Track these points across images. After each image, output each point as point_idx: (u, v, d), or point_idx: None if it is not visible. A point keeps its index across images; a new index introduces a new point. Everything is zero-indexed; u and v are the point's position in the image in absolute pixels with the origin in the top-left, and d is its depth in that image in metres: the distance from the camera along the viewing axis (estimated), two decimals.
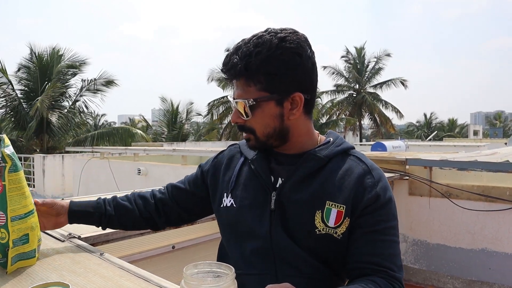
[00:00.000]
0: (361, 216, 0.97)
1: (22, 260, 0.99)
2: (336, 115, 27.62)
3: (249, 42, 0.98)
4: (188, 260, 1.21)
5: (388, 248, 0.97)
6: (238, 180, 1.10)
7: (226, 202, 1.10)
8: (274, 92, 0.97)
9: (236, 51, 0.98)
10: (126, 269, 0.97)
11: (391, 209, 1.00)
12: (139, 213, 1.21)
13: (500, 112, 51.34)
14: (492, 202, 2.89)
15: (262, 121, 1.00)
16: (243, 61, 0.96)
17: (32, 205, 1.02)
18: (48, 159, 10.82)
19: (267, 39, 0.96)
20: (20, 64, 15.47)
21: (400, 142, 14.42)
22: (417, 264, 3.31)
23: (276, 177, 1.05)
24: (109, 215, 1.19)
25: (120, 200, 1.22)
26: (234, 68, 0.97)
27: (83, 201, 1.20)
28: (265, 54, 0.95)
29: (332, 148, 1.04)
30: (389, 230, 0.98)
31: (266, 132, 1.01)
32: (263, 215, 1.02)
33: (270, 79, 0.96)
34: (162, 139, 21.67)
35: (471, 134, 26.49)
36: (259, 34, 0.99)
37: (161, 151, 9.06)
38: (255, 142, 1.04)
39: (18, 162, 0.99)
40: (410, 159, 3.28)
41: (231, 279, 0.73)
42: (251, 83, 0.97)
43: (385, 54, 27.67)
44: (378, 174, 1.02)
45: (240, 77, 0.98)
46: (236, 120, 1.03)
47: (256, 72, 0.96)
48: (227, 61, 1.00)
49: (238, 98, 0.99)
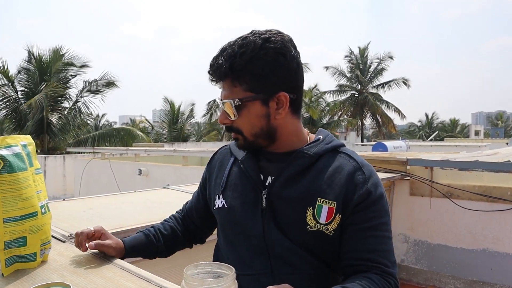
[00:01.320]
0: (353, 213, 0.98)
1: (19, 262, 0.98)
2: (338, 115, 27.62)
3: (234, 43, 0.99)
4: (188, 261, 1.21)
5: (382, 244, 0.98)
6: (228, 180, 1.11)
7: (218, 203, 1.11)
8: (259, 92, 0.98)
9: (222, 53, 1.00)
10: (127, 269, 0.97)
11: (383, 205, 1.01)
12: (183, 238, 1.27)
13: (501, 112, 51.25)
14: (494, 202, 2.88)
15: (249, 121, 1.01)
16: (228, 62, 0.97)
17: (35, 208, 1.00)
18: (49, 159, 10.83)
19: (252, 40, 0.97)
20: (20, 66, 15.50)
21: (401, 142, 14.41)
22: (418, 265, 3.30)
23: (265, 175, 1.05)
24: (160, 252, 1.22)
25: (165, 232, 1.24)
26: (219, 69, 0.99)
27: (135, 240, 1.18)
28: (249, 54, 0.96)
29: (321, 146, 1.04)
30: (381, 226, 0.99)
31: (253, 132, 1.02)
32: (255, 214, 1.03)
33: (255, 79, 0.97)
34: (163, 140, 21.68)
35: (472, 134, 26.45)
36: (244, 35, 1.00)
37: (162, 152, 9.06)
38: (243, 142, 1.05)
39: (18, 164, 0.97)
40: (411, 159, 3.27)
41: (232, 279, 0.74)
42: (236, 83, 0.98)
43: (388, 56, 27.74)
44: (369, 171, 1.02)
45: (225, 78, 1.00)
46: (223, 121, 1.04)
47: (241, 72, 0.97)
48: (213, 63, 1.01)
49: (225, 99, 1.00)
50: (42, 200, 1.04)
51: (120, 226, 1.53)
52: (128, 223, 1.56)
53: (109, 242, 1.08)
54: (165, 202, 2.06)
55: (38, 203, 1.02)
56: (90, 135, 16.68)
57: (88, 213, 1.76)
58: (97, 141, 16.00)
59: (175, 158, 8.04)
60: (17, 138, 1.03)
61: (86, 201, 2.06)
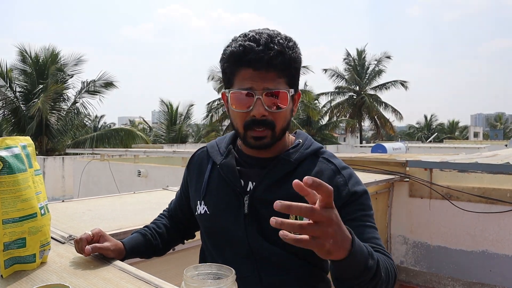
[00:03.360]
0: (340, 210, 0.97)
1: (18, 264, 0.98)
2: (336, 117, 27.65)
3: (278, 35, 0.97)
4: (188, 262, 1.20)
5: (371, 233, 0.98)
6: (209, 186, 1.10)
7: (200, 209, 1.10)
8: (292, 88, 0.99)
9: (271, 42, 0.94)
10: (126, 271, 0.97)
11: (367, 200, 1.02)
12: (176, 235, 1.28)
13: (500, 113, 51.34)
14: (493, 204, 2.88)
15: (285, 114, 1.00)
16: (281, 55, 0.94)
17: (34, 209, 0.99)
18: (48, 161, 10.82)
19: (287, 36, 0.98)
20: (15, 66, 15.47)
21: (400, 144, 14.42)
22: (418, 266, 3.30)
23: (246, 180, 1.04)
24: (158, 250, 1.23)
25: (160, 230, 1.24)
26: (280, 56, 0.94)
27: (133, 241, 1.17)
28: (295, 50, 0.97)
29: (302, 151, 1.04)
30: (368, 218, 1.00)
31: (284, 126, 1.01)
32: (237, 220, 1.02)
33: (295, 75, 0.99)
34: (161, 141, 21.68)
35: (471, 136, 26.52)
36: (271, 30, 0.99)
37: (162, 153, 9.07)
38: (270, 139, 1.00)
39: (18, 165, 0.97)
40: (410, 161, 3.27)
41: (232, 281, 0.73)
42: (281, 75, 0.97)
43: (386, 56, 27.82)
44: (348, 172, 1.03)
45: (276, 68, 0.95)
46: (263, 113, 0.97)
47: (288, 66, 0.97)
48: (266, 48, 0.93)
49: (277, 88, 0.96)
50: (41, 201, 1.03)
51: (119, 227, 1.52)
52: (127, 224, 1.56)
53: (107, 244, 1.07)
54: (164, 204, 2.05)
55: (38, 204, 1.01)
56: (88, 136, 16.68)
57: (87, 215, 1.75)
58: (96, 142, 15.99)
59: (174, 159, 8.05)
60: (16, 139, 1.02)
61: (85, 202, 2.05)
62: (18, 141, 1.02)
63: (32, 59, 15.51)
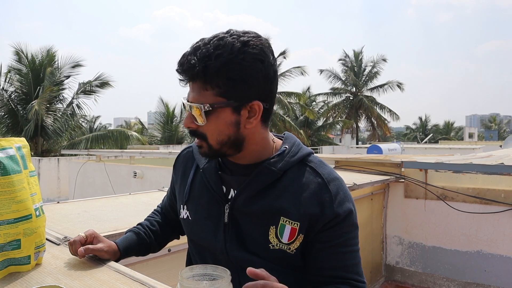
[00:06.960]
0: (320, 232, 0.95)
1: (13, 265, 0.97)
2: (333, 117, 27.72)
3: (209, 43, 0.89)
4: (184, 264, 1.21)
5: (350, 259, 0.97)
6: (191, 191, 1.08)
7: (183, 214, 1.09)
8: (231, 99, 0.90)
9: (195, 52, 0.90)
10: (122, 272, 0.97)
11: (351, 220, 0.97)
12: (170, 231, 1.27)
13: (495, 114, 51.66)
14: (487, 204, 2.90)
15: (217, 128, 0.93)
16: (201, 63, 0.87)
17: (29, 211, 0.99)
18: (43, 162, 10.77)
19: (229, 42, 0.88)
20: (11, 67, 15.39)
21: (396, 144, 14.48)
22: (413, 267, 3.31)
23: (228, 187, 1.02)
24: (153, 247, 1.23)
25: (153, 228, 1.24)
26: (191, 69, 0.89)
27: (127, 240, 1.16)
28: (226, 57, 0.87)
29: (287, 160, 0.98)
30: (350, 241, 0.97)
31: (219, 139, 0.94)
32: (217, 229, 1.01)
33: (229, 85, 0.89)
34: (156, 142, 21.63)
35: (466, 137, 26.65)
36: (220, 35, 0.91)
37: (157, 154, 9.05)
38: (207, 150, 0.97)
39: (12, 166, 0.97)
40: (405, 162, 3.29)
41: (227, 282, 0.74)
42: (208, 86, 0.89)
43: (382, 58, 28.07)
44: (335, 187, 0.97)
45: (196, 80, 0.90)
46: (189, 125, 0.95)
47: (215, 76, 0.88)
48: (183, 61, 0.91)
49: (193, 102, 0.91)
50: (36, 203, 1.03)
51: (115, 228, 1.52)
52: (123, 225, 1.56)
53: (101, 245, 1.06)
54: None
55: (33, 205, 1.01)
56: (84, 137, 16.62)
57: (82, 216, 1.75)
58: (91, 143, 15.93)
59: (170, 160, 8.03)
60: (11, 141, 1.02)
61: (81, 203, 2.05)
62: (13, 143, 1.02)
63: (29, 60, 15.44)
